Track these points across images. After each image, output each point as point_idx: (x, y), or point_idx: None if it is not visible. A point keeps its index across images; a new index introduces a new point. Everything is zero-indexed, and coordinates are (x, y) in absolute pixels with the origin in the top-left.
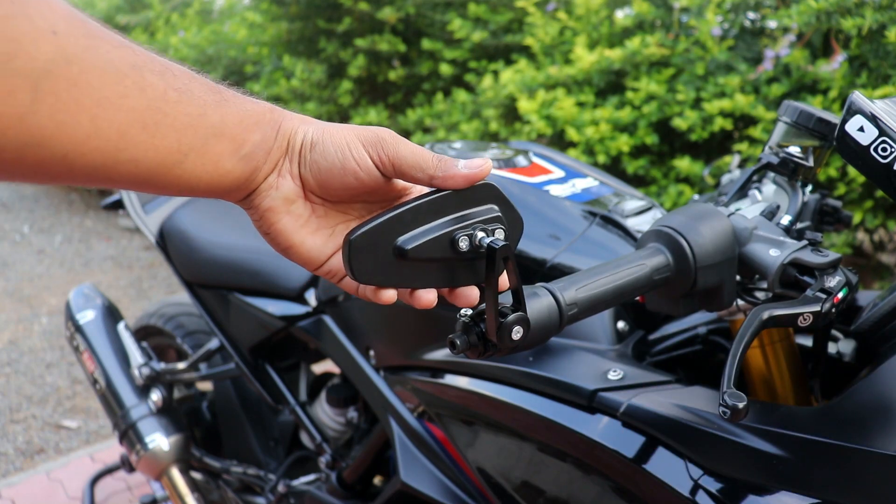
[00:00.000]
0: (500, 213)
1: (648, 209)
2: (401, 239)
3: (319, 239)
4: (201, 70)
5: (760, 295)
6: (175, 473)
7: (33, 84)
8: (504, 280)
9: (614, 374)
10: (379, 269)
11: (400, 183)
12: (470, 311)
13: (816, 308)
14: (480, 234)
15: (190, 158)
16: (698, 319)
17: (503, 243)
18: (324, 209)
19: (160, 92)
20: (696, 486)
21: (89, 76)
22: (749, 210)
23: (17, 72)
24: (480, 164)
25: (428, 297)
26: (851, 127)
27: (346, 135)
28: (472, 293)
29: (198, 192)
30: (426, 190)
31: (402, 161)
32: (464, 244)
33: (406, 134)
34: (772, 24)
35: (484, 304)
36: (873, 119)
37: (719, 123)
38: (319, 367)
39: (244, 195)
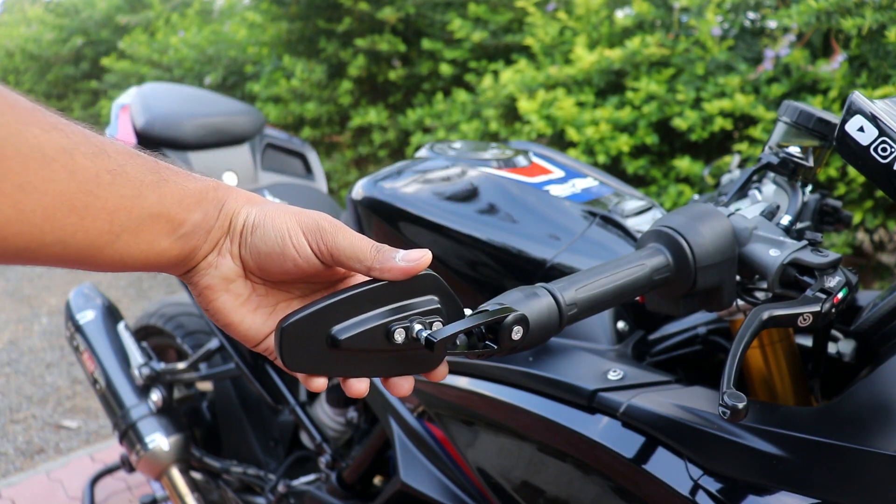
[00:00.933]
0: (439, 305)
1: (648, 209)
2: (335, 329)
3: (259, 317)
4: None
5: (760, 295)
6: (175, 473)
7: None
8: (441, 370)
9: (614, 375)
10: (311, 357)
11: (341, 269)
12: (470, 312)
13: (816, 308)
14: (418, 327)
15: (122, 239)
16: (698, 319)
17: (441, 337)
18: (265, 288)
19: (91, 174)
20: (696, 486)
21: (11, 163)
22: (749, 210)
23: None
24: (418, 258)
25: (360, 386)
26: (851, 127)
27: (287, 220)
28: (406, 383)
29: (133, 269)
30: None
31: (340, 252)
32: (399, 337)
33: (406, 134)
34: (772, 24)
35: (484, 304)
36: (873, 119)
37: (719, 123)
38: None
39: (182, 272)
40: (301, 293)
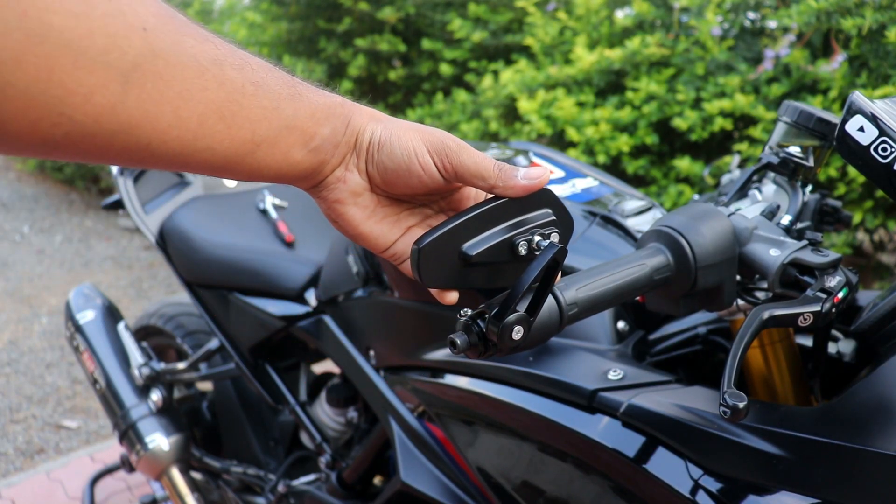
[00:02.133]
0: (554, 217)
1: (648, 209)
2: (465, 245)
3: (385, 226)
4: (278, 63)
5: (760, 295)
6: (175, 473)
7: (124, 76)
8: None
9: (614, 374)
10: (445, 273)
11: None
12: (470, 311)
13: (816, 308)
14: (538, 238)
15: (262, 149)
16: (698, 319)
17: (559, 246)
18: (388, 199)
19: (238, 85)
20: (696, 486)
21: (174, 70)
22: (749, 210)
23: (110, 65)
24: (539, 175)
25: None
26: (851, 127)
27: (413, 138)
28: None
29: (267, 179)
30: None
31: (465, 170)
32: (523, 249)
33: None
34: (772, 24)
35: (483, 305)
36: (873, 119)
37: (719, 123)
38: (319, 367)
39: (312, 185)
40: (421, 202)
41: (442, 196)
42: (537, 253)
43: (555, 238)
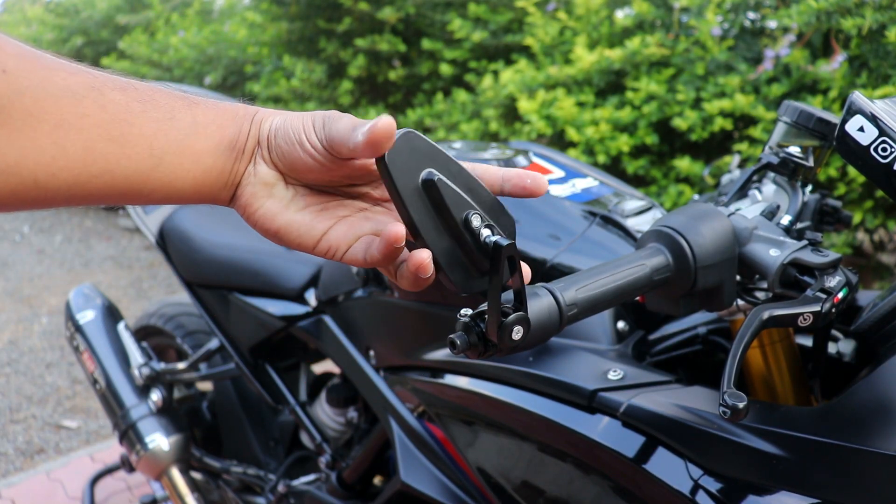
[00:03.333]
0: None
1: (648, 209)
2: (436, 174)
3: (308, 215)
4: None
5: (760, 295)
6: (175, 473)
7: None
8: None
9: (614, 374)
10: (404, 174)
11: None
12: (470, 311)
13: (816, 308)
14: (486, 232)
15: (166, 161)
16: (698, 319)
17: (507, 241)
18: (307, 190)
19: (122, 105)
20: (696, 486)
21: (44, 104)
22: (749, 210)
23: None
24: (387, 122)
25: (421, 256)
26: (851, 127)
27: (304, 118)
28: (413, 279)
29: (186, 194)
30: None
31: (332, 140)
32: (475, 222)
33: None
34: (772, 24)
35: (485, 304)
36: (873, 119)
37: (719, 123)
38: (319, 367)
39: (229, 194)
40: (350, 195)
41: (360, 181)
42: (486, 245)
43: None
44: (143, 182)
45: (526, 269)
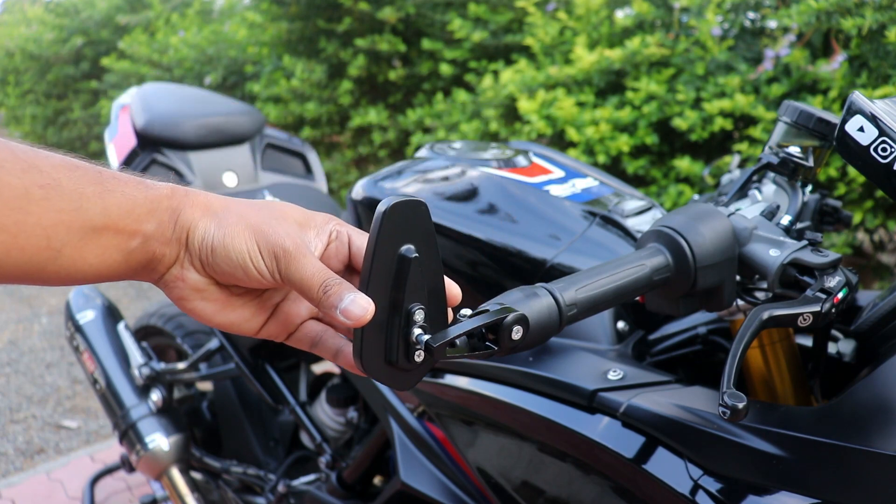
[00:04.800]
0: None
1: (648, 209)
2: (413, 251)
3: (247, 312)
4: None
5: (760, 295)
6: (175, 473)
7: None
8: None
9: (614, 374)
10: (393, 234)
11: None
12: (470, 311)
13: (816, 308)
14: (417, 331)
15: (65, 254)
16: (698, 319)
17: (441, 342)
18: (241, 289)
19: (19, 191)
20: (696, 486)
21: None
22: (749, 210)
23: None
24: (359, 316)
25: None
26: (851, 127)
27: (247, 241)
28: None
29: (88, 282)
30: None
31: (292, 284)
32: (417, 317)
33: (406, 134)
34: (772, 24)
35: (484, 304)
36: (873, 119)
37: (719, 123)
38: (319, 367)
39: (151, 280)
40: (285, 289)
41: None
42: (417, 347)
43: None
44: (37, 272)
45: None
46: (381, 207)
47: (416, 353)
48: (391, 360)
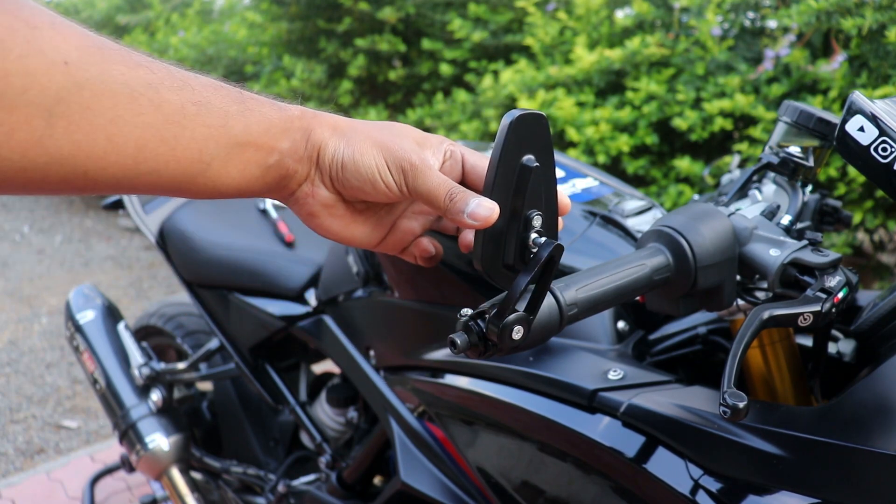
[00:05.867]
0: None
1: (648, 209)
2: (534, 161)
3: (369, 227)
4: (231, 80)
5: (760, 295)
6: (175, 473)
7: (47, 111)
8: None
9: (614, 374)
10: (517, 144)
11: None
12: (470, 311)
13: (816, 308)
14: (535, 235)
15: (213, 167)
16: (698, 319)
17: (555, 243)
18: (365, 204)
19: (177, 107)
20: (696, 486)
21: (102, 99)
22: (749, 210)
23: (30, 102)
24: (485, 217)
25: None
26: (851, 127)
27: (375, 155)
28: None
29: (229, 195)
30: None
31: (419, 195)
32: (536, 223)
33: None
34: (772, 24)
35: (483, 305)
36: (873, 119)
37: (719, 123)
38: (319, 367)
39: (282, 197)
40: (403, 205)
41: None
42: (534, 250)
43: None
44: (188, 183)
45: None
46: (506, 119)
47: (532, 255)
48: (509, 262)
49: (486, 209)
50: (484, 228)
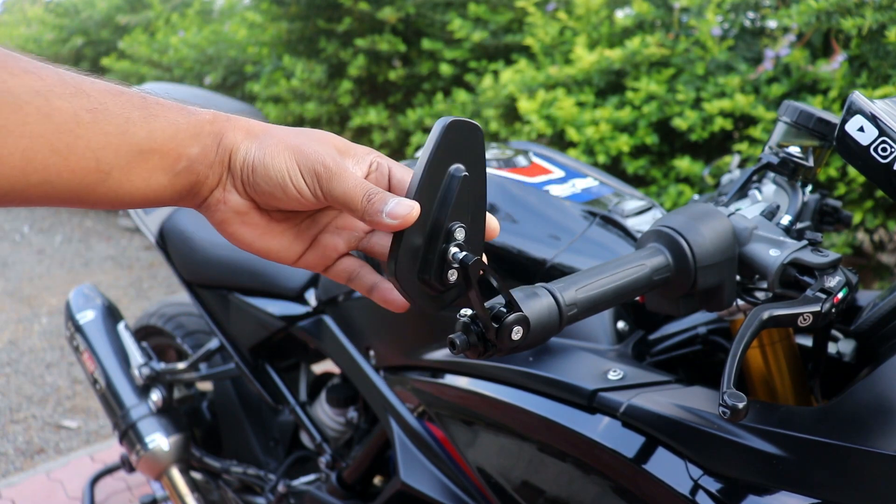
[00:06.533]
0: (464, 173)
1: (648, 209)
2: (462, 170)
3: (286, 240)
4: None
5: (760, 295)
6: (175, 473)
7: None
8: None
9: (614, 374)
10: (448, 151)
11: None
12: (470, 311)
13: (816, 308)
14: (455, 250)
15: (113, 176)
16: (698, 319)
17: (474, 259)
18: (283, 214)
19: (69, 115)
20: (696, 486)
21: None
22: (749, 210)
23: None
24: (404, 215)
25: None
26: (851, 127)
27: (287, 159)
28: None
29: (134, 206)
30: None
31: (334, 199)
32: (458, 236)
33: (406, 134)
34: (772, 24)
35: (485, 304)
36: (873, 119)
37: (719, 123)
38: (319, 367)
39: (194, 205)
40: (327, 218)
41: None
42: (453, 265)
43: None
44: (87, 193)
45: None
46: (439, 124)
47: (451, 271)
48: (424, 277)
49: (405, 206)
50: (402, 230)
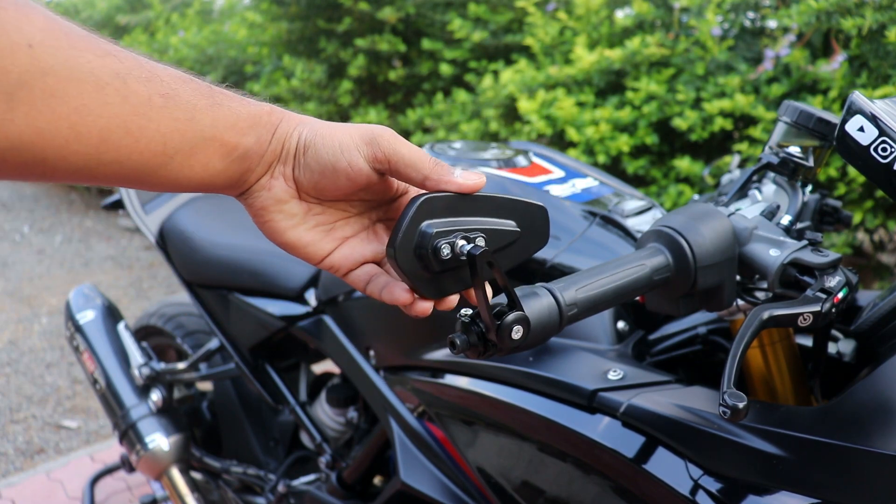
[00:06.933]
0: (518, 230)
1: (648, 209)
2: (425, 224)
3: (316, 235)
4: (200, 73)
5: (760, 295)
6: (175, 473)
7: (8, 95)
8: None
9: (614, 374)
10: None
11: (396, 183)
12: (470, 311)
13: (816, 308)
14: (461, 242)
15: (176, 161)
16: (698, 319)
17: (482, 249)
18: (321, 207)
19: (144, 98)
20: (696, 486)
21: (66, 86)
22: (749, 210)
23: None
24: (476, 179)
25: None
26: (851, 127)
27: (340, 136)
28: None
29: (187, 190)
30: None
31: (399, 158)
32: (446, 251)
33: (406, 134)
34: (772, 24)
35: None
36: (873, 119)
37: (719, 123)
38: (319, 367)
39: (236, 193)
40: (358, 211)
41: (378, 202)
42: (462, 258)
43: (480, 242)
44: (150, 175)
45: (479, 177)
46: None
47: (444, 246)
48: (421, 252)
49: (477, 174)
50: (475, 191)
